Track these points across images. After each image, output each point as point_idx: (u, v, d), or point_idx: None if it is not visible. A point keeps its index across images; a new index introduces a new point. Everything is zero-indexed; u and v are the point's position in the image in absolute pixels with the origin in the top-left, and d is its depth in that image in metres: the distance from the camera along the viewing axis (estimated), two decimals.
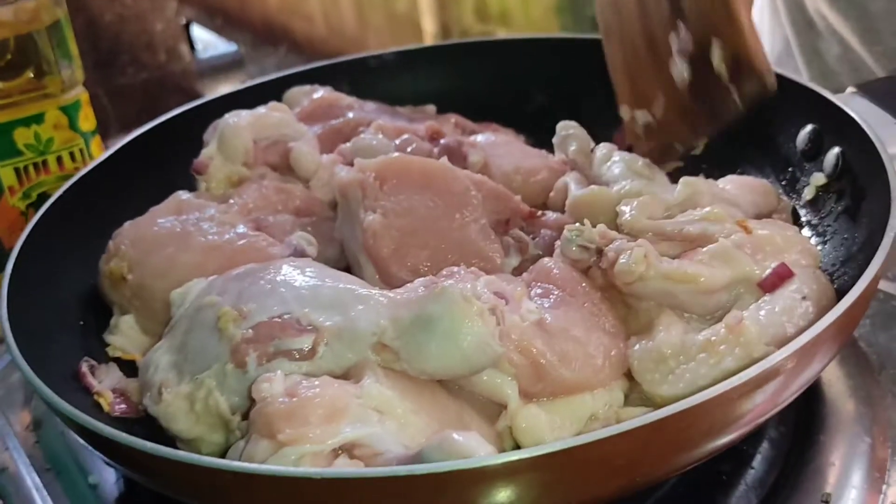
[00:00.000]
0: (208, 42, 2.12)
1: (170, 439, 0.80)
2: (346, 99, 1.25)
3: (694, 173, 1.13)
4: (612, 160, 1.06)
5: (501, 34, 2.67)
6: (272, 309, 0.77)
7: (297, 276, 0.81)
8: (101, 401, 0.84)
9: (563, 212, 1.03)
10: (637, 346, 0.82)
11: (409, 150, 1.10)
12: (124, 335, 0.94)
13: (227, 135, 1.08)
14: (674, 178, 1.04)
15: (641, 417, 0.60)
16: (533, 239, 1.00)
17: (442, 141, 1.14)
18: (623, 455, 0.62)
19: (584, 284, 0.87)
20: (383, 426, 0.69)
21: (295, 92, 1.28)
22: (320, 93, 1.26)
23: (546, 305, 0.84)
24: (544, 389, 0.77)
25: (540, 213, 1.03)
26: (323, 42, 3.22)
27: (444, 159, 1.02)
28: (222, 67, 1.89)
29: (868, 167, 0.89)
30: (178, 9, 1.80)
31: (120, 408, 0.84)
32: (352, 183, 0.96)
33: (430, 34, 2.87)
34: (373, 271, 0.92)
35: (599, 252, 0.88)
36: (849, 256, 0.89)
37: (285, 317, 0.76)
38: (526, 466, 0.60)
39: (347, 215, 0.98)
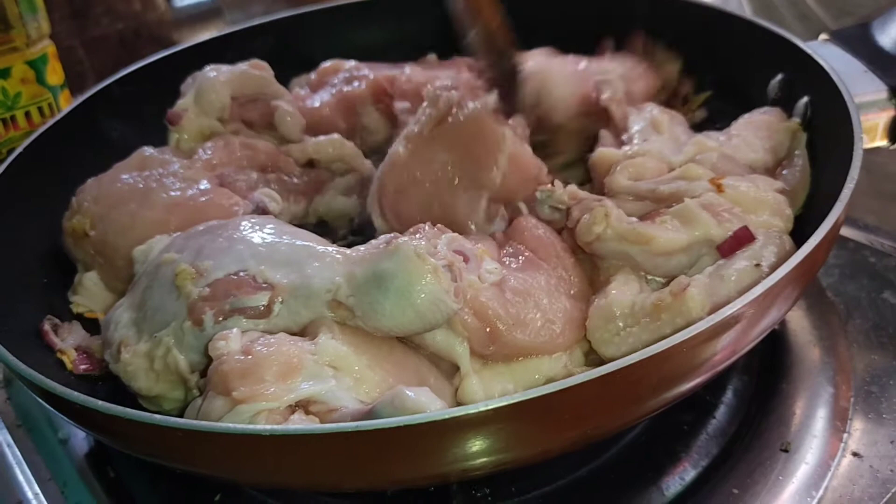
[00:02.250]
0: None
1: (133, 396, 0.81)
2: (348, 63, 1.22)
3: None
4: (635, 117, 1.02)
5: None
6: (229, 266, 0.76)
7: (256, 233, 0.80)
8: (65, 359, 0.85)
9: None
10: (593, 303, 0.81)
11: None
12: (88, 292, 0.94)
13: (205, 88, 1.06)
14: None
15: (588, 372, 0.61)
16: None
17: None
18: (570, 409, 0.62)
19: (557, 246, 0.86)
20: (338, 382, 0.69)
21: (294, 81, 1.27)
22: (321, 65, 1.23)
23: (513, 266, 0.82)
24: (497, 352, 0.76)
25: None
26: None
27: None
28: (199, 17, 1.85)
29: (835, 116, 0.88)
30: None
31: (83, 366, 0.85)
32: (446, 100, 0.90)
33: None
34: (375, 190, 0.91)
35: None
36: (811, 208, 0.89)
37: (241, 274, 0.76)
38: (474, 421, 0.60)
39: None
